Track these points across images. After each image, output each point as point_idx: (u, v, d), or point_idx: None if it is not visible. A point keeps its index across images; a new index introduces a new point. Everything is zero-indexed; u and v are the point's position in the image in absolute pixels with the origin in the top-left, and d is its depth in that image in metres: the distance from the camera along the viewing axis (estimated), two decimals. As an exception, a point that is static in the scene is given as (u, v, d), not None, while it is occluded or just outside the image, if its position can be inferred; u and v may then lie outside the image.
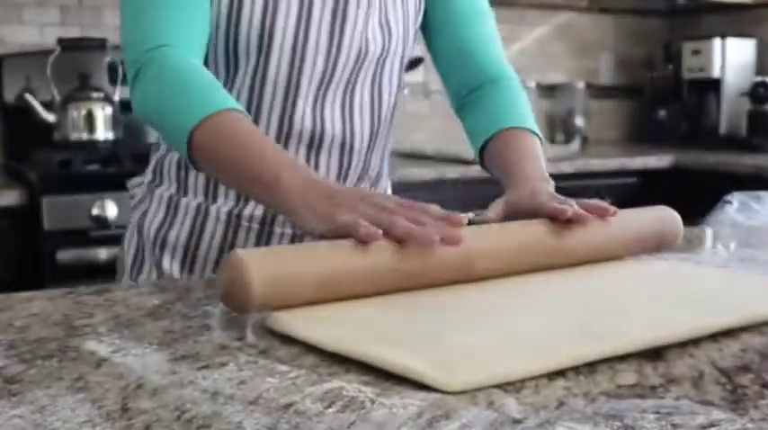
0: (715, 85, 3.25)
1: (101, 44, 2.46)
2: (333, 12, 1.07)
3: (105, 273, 1.96)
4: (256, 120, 1.08)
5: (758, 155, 2.93)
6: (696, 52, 3.27)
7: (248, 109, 1.07)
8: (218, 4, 1.03)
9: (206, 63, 1.05)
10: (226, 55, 1.06)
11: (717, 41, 3.23)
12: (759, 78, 3.14)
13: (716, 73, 3.22)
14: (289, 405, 0.55)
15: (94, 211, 2.03)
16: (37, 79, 2.41)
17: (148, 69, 1.00)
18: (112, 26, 2.68)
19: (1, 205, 2.01)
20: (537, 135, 1.14)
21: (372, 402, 0.55)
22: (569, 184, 2.59)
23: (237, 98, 1.07)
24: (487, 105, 1.20)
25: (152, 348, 0.67)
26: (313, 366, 0.63)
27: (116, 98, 2.46)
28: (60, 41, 2.42)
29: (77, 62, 2.47)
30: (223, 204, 1.11)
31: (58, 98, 2.38)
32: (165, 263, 1.12)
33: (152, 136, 1.18)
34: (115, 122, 2.42)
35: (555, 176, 1.06)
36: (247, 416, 0.53)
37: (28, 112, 2.35)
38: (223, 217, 1.11)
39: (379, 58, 1.13)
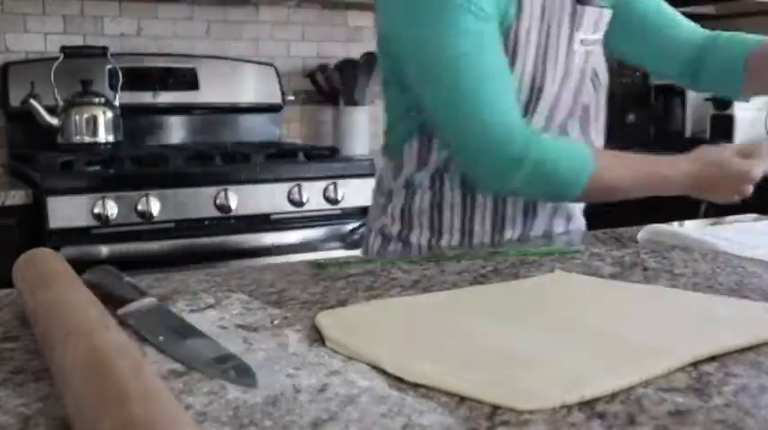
0: (681, 91, 3.26)
1: (102, 52, 2.45)
2: (580, 76, 1.18)
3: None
4: None
5: (721, 156, 2.95)
6: (663, 60, 3.28)
7: None
8: None
9: None
10: None
11: (682, 50, 3.24)
12: (721, 84, 3.15)
13: (681, 79, 3.24)
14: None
15: (96, 210, 2.02)
16: (41, 85, 2.39)
17: (527, 164, 1.06)
18: (113, 34, 2.67)
19: (7, 204, 2.00)
20: None
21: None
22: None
23: None
24: (723, 49, 1.29)
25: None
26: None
27: (116, 103, 2.45)
28: (63, 49, 2.41)
29: (80, 69, 2.46)
30: (482, 237, 1.20)
31: (61, 103, 2.37)
32: None
33: (385, 184, 1.27)
34: (115, 126, 2.41)
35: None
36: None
37: (32, 116, 2.34)
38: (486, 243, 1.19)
39: (587, 106, 1.24)
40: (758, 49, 1.23)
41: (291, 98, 2.94)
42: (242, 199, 2.18)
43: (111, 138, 2.39)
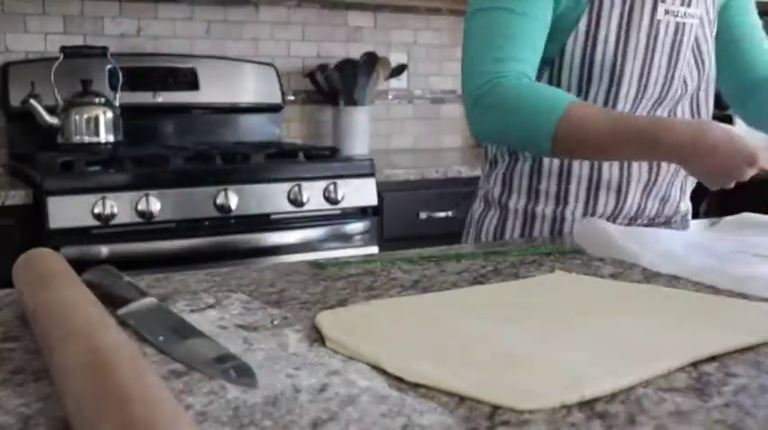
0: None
1: (102, 52, 2.45)
2: (670, 49, 1.20)
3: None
4: None
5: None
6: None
7: None
8: (575, 42, 1.16)
9: (559, 85, 1.19)
10: (579, 78, 1.19)
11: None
12: (721, 84, 3.15)
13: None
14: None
15: (96, 210, 2.02)
16: (41, 85, 2.39)
17: (486, 99, 1.12)
18: (113, 34, 2.67)
19: (7, 204, 2.00)
20: None
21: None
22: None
23: None
24: None
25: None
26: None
27: (116, 103, 2.45)
28: (63, 49, 2.41)
29: (80, 69, 2.46)
30: (575, 208, 1.25)
31: (61, 103, 2.37)
32: None
33: (490, 153, 1.36)
34: (116, 126, 2.41)
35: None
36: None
37: (32, 116, 2.34)
38: (579, 217, 1.25)
39: (696, 91, 1.26)
40: None
41: (291, 98, 2.94)
42: (242, 199, 2.18)
43: (111, 138, 2.39)
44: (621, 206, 1.26)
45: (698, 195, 1.26)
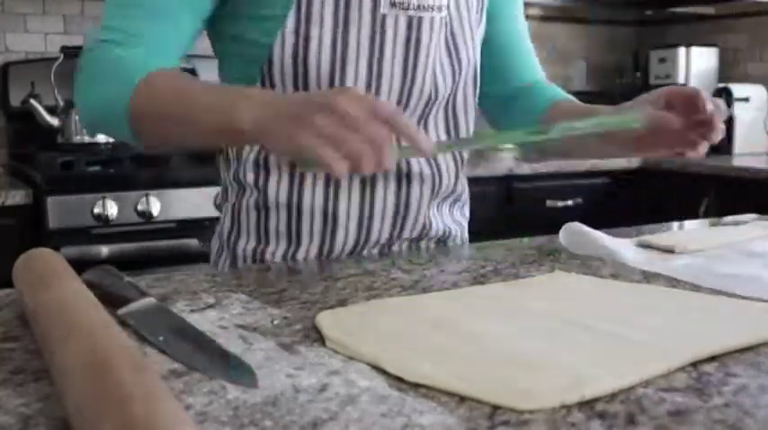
0: (680, 91, 3.27)
1: (102, 52, 2.45)
2: (405, 48, 1.02)
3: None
4: None
5: (720, 156, 2.95)
6: (662, 60, 3.29)
7: None
8: (283, 45, 0.97)
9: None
10: (294, 85, 0.99)
11: (682, 50, 3.25)
12: (721, 85, 3.15)
13: (681, 79, 3.24)
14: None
15: (96, 210, 2.02)
16: (41, 85, 2.39)
17: (80, 61, 0.96)
18: (113, 35, 2.67)
19: (7, 204, 2.00)
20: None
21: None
22: (542, 184, 2.60)
23: None
24: (531, 98, 1.18)
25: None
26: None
27: (117, 103, 2.45)
28: (64, 49, 2.41)
29: (80, 69, 2.46)
30: (309, 248, 1.04)
31: (61, 103, 2.37)
32: None
33: (222, 179, 1.14)
34: (116, 126, 2.41)
35: (528, 177, 1.04)
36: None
37: (33, 117, 2.34)
38: (312, 258, 1.04)
39: (451, 96, 1.08)
40: (549, 110, 1.14)
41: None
42: (242, 199, 2.18)
43: (111, 138, 2.40)
44: (366, 239, 1.06)
45: (697, 195, 1.25)
